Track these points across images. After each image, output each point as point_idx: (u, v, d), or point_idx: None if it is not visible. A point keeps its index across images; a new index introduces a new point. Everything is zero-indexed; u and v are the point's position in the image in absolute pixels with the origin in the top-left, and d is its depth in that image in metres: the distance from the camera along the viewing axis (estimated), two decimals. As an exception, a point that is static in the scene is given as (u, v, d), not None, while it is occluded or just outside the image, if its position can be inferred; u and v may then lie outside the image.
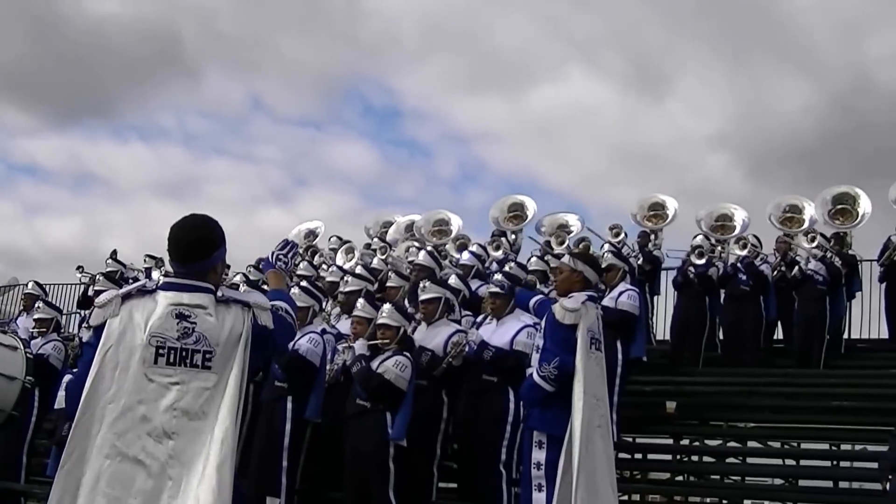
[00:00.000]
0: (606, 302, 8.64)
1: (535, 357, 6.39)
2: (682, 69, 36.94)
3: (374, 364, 7.65)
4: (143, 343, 3.61)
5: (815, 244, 12.11)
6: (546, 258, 11.47)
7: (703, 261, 12.26)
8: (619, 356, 8.62)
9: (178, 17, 39.25)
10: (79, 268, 15.54)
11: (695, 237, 12.89)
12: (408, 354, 7.73)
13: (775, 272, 12.24)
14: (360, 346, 7.83)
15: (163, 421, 3.56)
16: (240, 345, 3.70)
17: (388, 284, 9.84)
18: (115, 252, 14.30)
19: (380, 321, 7.84)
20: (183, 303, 3.68)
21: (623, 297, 9.10)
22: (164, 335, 3.62)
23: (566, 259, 6.84)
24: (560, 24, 37.47)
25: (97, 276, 12.74)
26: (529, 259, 11.35)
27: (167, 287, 3.76)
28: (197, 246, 3.80)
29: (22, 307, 12.58)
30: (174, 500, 3.50)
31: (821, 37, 33.72)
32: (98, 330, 3.70)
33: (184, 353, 3.61)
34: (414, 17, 39.01)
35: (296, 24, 38.33)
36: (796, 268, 12.05)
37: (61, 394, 9.35)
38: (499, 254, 12.02)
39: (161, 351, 3.60)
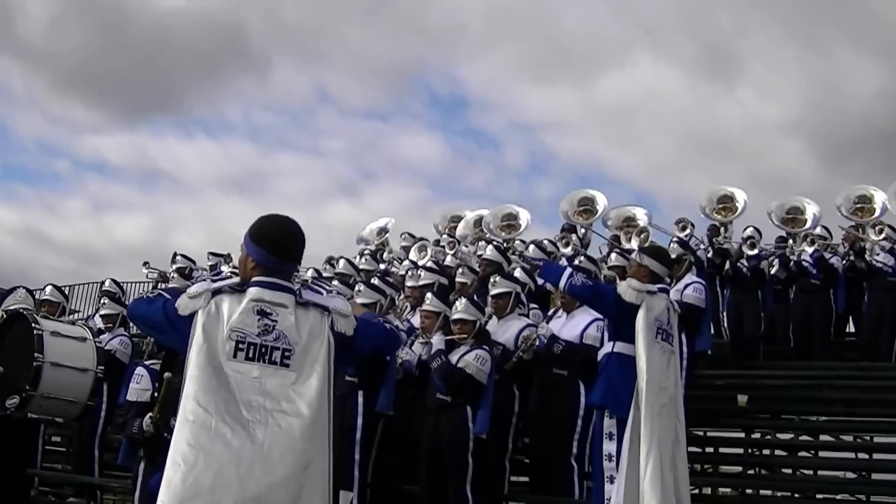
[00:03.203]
0: (672, 294, 8.61)
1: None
2: (754, 53, 36.18)
3: (454, 358, 7.67)
4: (223, 338, 3.60)
5: (882, 236, 11.97)
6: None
7: (754, 252, 12.19)
8: (685, 349, 8.59)
9: (244, 9, 39.46)
10: (145, 264, 15.71)
11: (745, 229, 12.83)
12: (486, 347, 7.77)
13: (844, 262, 12.13)
14: (437, 340, 7.84)
15: (247, 416, 3.50)
16: (322, 349, 3.70)
17: (458, 280, 9.91)
18: (175, 255, 14.60)
19: (456, 316, 7.87)
20: (264, 300, 3.69)
21: (689, 289, 9.07)
22: (245, 330, 3.62)
23: (634, 255, 7.02)
24: (628, 9, 37.02)
25: (171, 274, 12.97)
26: (609, 254, 11.25)
27: (254, 285, 3.76)
28: (302, 248, 3.90)
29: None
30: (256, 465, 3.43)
31: (898, 18, 32.88)
32: (186, 319, 3.65)
33: (263, 350, 3.61)
34: (479, 4, 38.83)
35: (361, 13, 38.34)
36: (862, 259, 11.92)
37: (133, 385, 9.57)
38: (568, 250, 12.01)
39: (241, 346, 3.60)
